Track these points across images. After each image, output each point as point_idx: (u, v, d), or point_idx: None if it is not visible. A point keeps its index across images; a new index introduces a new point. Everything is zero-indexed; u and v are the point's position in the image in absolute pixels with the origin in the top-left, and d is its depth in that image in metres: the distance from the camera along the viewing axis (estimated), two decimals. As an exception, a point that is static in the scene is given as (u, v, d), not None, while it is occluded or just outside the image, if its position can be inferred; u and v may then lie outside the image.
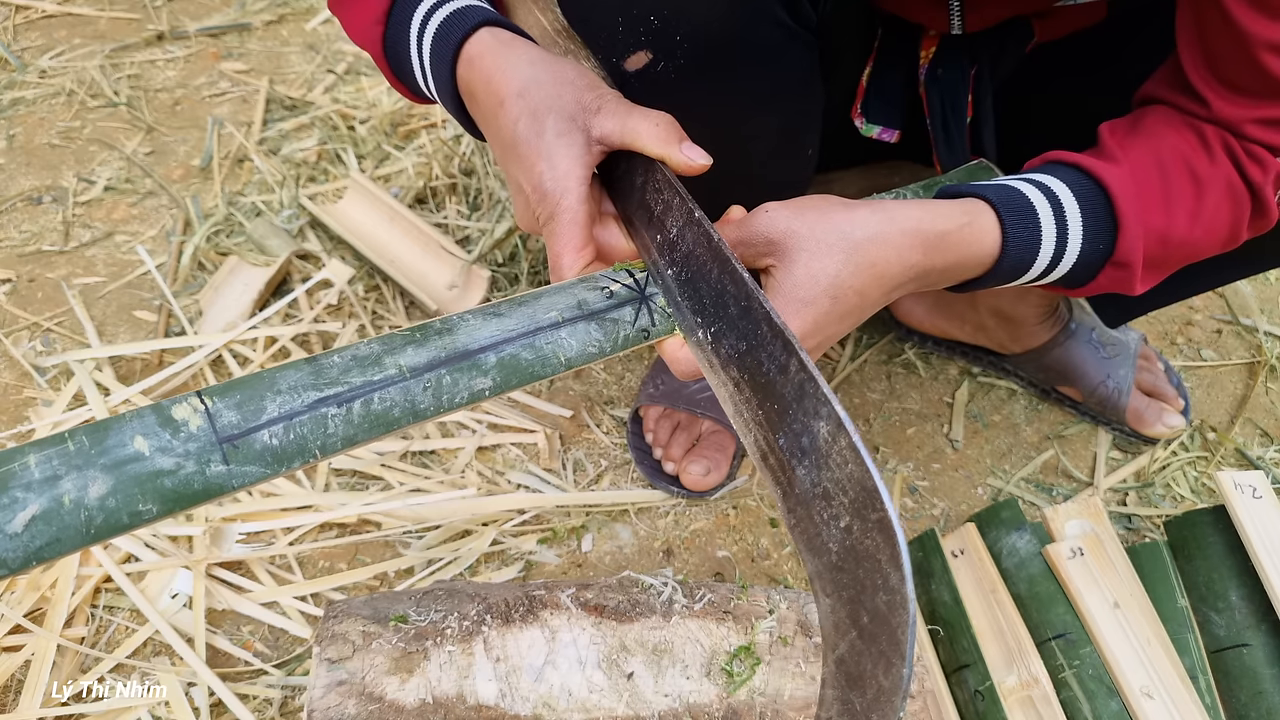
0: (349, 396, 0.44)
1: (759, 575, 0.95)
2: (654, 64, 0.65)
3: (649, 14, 0.63)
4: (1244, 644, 0.77)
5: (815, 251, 0.52)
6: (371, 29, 0.65)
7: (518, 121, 0.56)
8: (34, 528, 0.37)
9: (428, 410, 0.46)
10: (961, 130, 0.81)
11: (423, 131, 1.44)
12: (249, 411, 0.42)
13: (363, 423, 0.44)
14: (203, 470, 0.40)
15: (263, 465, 0.41)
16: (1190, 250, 0.62)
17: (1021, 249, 0.58)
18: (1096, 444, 1.07)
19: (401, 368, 0.46)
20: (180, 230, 1.27)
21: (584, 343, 0.51)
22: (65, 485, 0.38)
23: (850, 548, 0.38)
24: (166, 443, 0.40)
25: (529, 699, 0.65)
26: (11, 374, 1.09)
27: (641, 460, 1.02)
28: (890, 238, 0.53)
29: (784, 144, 0.79)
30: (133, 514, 0.39)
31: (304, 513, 0.95)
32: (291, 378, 0.44)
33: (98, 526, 0.38)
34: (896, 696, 0.35)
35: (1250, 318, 1.21)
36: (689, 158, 0.54)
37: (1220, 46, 0.58)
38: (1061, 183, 0.59)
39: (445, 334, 0.48)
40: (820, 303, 0.52)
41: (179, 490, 0.40)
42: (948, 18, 0.76)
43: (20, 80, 1.52)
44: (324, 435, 0.43)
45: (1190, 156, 0.61)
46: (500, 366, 0.48)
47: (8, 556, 0.36)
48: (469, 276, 1.16)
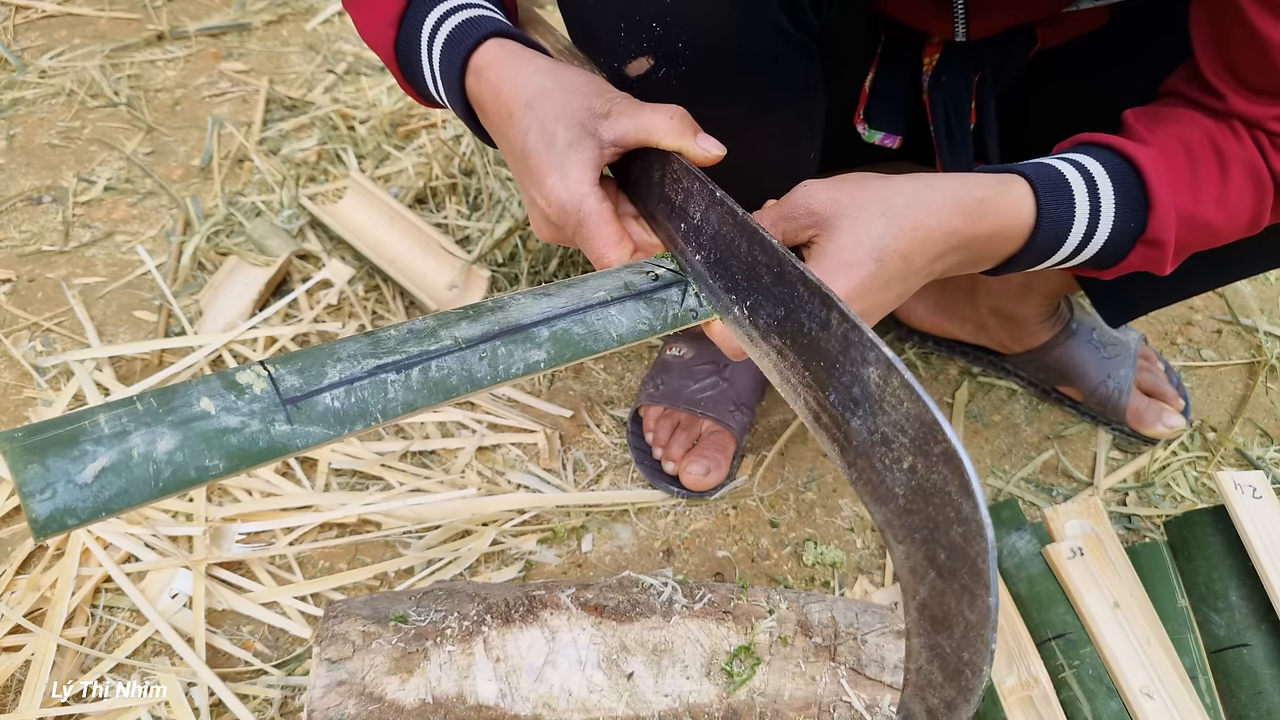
0: (408, 364, 0.45)
1: (759, 575, 0.95)
2: (655, 70, 0.65)
3: (651, 20, 0.63)
4: (1244, 644, 0.77)
5: (857, 217, 0.52)
6: (384, 31, 0.65)
7: (527, 134, 0.57)
8: (104, 479, 0.38)
9: (484, 379, 0.47)
10: (965, 136, 0.81)
11: (423, 131, 1.44)
12: (311, 376, 0.43)
13: (421, 389, 0.45)
14: (267, 429, 0.41)
15: (325, 426, 0.42)
16: (1213, 233, 0.62)
17: (1056, 222, 0.58)
18: (1096, 444, 1.07)
19: (457, 339, 0.47)
20: (180, 230, 1.27)
21: (634, 320, 0.52)
22: (134, 440, 0.39)
23: (917, 487, 0.38)
24: (232, 403, 0.41)
25: (529, 699, 0.65)
26: (11, 374, 1.09)
27: (641, 460, 1.02)
28: (930, 202, 0.54)
29: (785, 150, 0.79)
30: (200, 469, 0.40)
31: (304, 513, 0.95)
32: (351, 348, 0.45)
33: (166, 479, 0.39)
34: (985, 629, 0.34)
35: (1250, 318, 1.21)
36: (705, 148, 0.55)
37: (1238, 50, 0.59)
38: (1094, 160, 0.60)
39: (498, 310, 0.50)
40: (865, 265, 0.52)
41: (245, 448, 0.41)
42: (952, 25, 0.76)
43: (20, 80, 1.52)
44: (384, 399, 0.44)
45: (1215, 134, 0.61)
46: (554, 340, 0.49)
47: (77, 506, 0.37)
48: (469, 276, 1.16)
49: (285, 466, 1.00)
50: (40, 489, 0.37)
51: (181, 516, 0.94)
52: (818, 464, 1.04)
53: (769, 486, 1.03)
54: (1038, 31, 0.80)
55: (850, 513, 1.00)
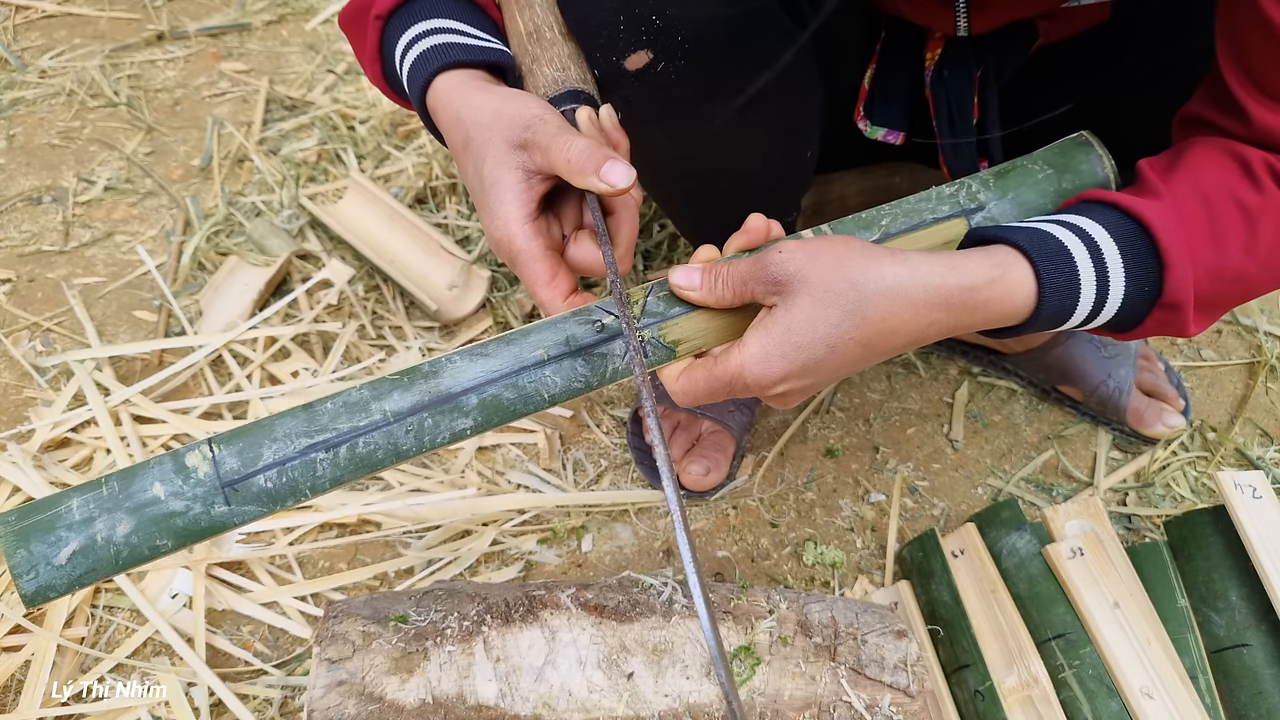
0: (336, 442, 0.50)
1: (759, 575, 0.95)
2: (654, 64, 0.65)
3: (650, 14, 0.63)
4: (1244, 644, 0.77)
5: (820, 299, 0.51)
6: (371, 66, 0.67)
7: (467, 174, 0.58)
8: (75, 560, 0.47)
9: (409, 451, 0.50)
10: (968, 132, 0.81)
11: (423, 131, 1.44)
12: (248, 458, 0.49)
13: (348, 465, 0.50)
14: (208, 511, 0.48)
15: (259, 505, 0.48)
16: (1247, 286, 0.58)
17: (1060, 297, 0.55)
18: (1096, 444, 1.07)
19: (386, 413, 0.50)
20: (180, 230, 1.27)
21: (569, 379, 0.53)
22: (98, 525, 0.47)
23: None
24: (179, 488, 0.48)
25: (529, 699, 0.65)
26: (11, 374, 1.09)
27: (641, 460, 1.02)
28: (909, 294, 0.51)
29: (783, 144, 0.79)
30: (151, 548, 0.47)
31: (304, 513, 0.95)
32: (288, 425, 0.50)
33: (124, 558, 0.47)
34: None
35: (1250, 318, 1.21)
36: (609, 182, 0.53)
37: (1256, 48, 0.57)
38: (1097, 224, 0.56)
39: (431, 377, 0.52)
40: (813, 350, 0.51)
41: (188, 528, 0.48)
42: (954, 20, 0.76)
43: (20, 80, 1.52)
44: (313, 477, 0.49)
45: (1236, 188, 0.57)
46: (482, 407, 0.51)
47: (55, 583, 0.47)
48: (469, 276, 1.16)
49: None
50: (26, 571, 0.46)
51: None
52: (818, 464, 1.04)
53: (769, 487, 1.03)
54: (1040, 27, 0.80)
55: (850, 513, 1.00)
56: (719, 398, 0.54)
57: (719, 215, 0.77)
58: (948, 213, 0.62)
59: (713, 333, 0.55)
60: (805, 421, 1.08)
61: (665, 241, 1.25)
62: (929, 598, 0.87)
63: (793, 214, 0.91)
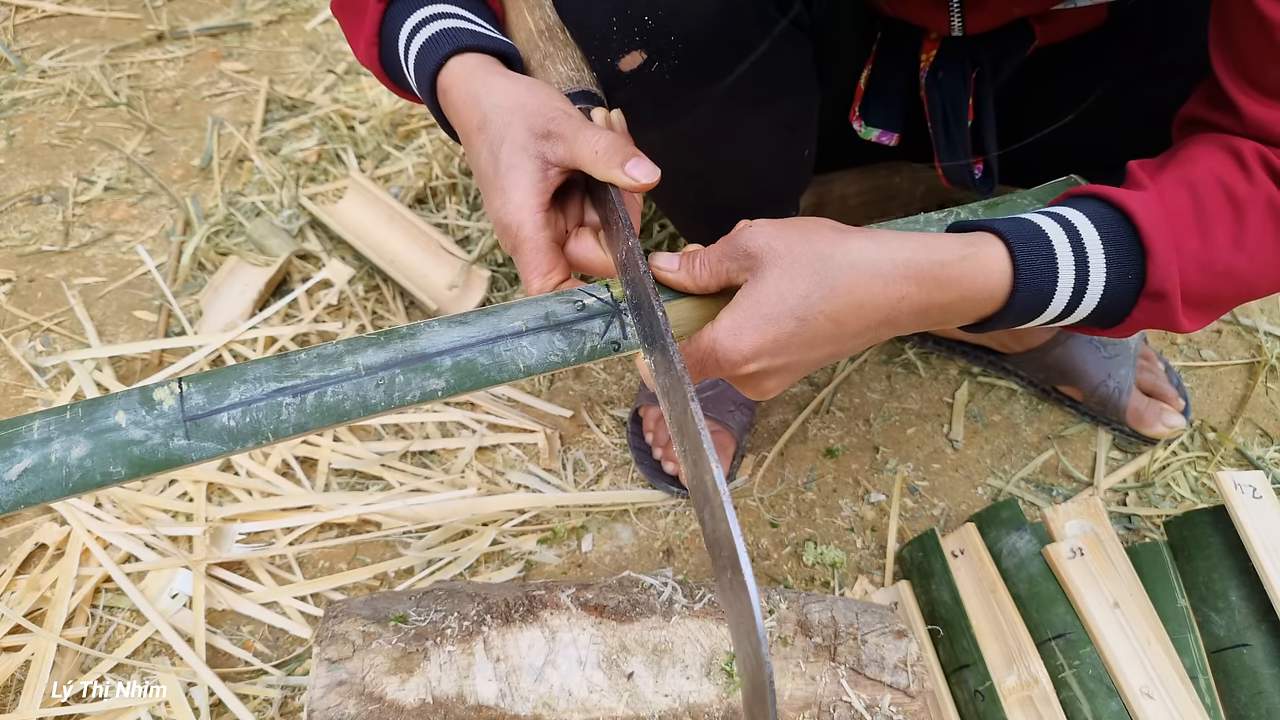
0: (305, 389, 0.50)
1: (759, 575, 0.95)
2: (648, 64, 0.65)
3: (643, 14, 0.63)
4: (1244, 644, 0.77)
5: (788, 270, 0.51)
6: (368, 50, 0.66)
7: (480, 156, 0.58)
8: (25, 477, 0.46)
9: (378, 405, 0.50)
10: (963, 133, 0.81)
11: (423, 131, 1.44)
12: (215, 396, 0.49)
13: (314, 412, 0.49)
14: (166, 443, 0.47)
15: (219, 442, 0.48)
16: (1240, 282, 0.57)
17: (1036, 279, 0.54)
18: (1096, 444, 1.07)
19: (359, 365, 0.50)
20: (180, 230, 1.27)
21: (545, 351, 0.53)
22: (54, 446, 0.47)
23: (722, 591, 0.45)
24: (141, 417, 0.48)
25: (529, 699, 0.65)
26: (11, 374, 1.09)
27: (641, 460, 1.02)
28: (877, 266, 0.51)
29: (779, 144, 0.79)
30: (104, 474, 0.47)
31: (304, 513, 0.95)
32: (259, 370, 0.50)
33: (75, 481, 0.46)
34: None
35: (1250, 318, 1.21)
36: (633, 177, 0.54)
37: (1248, 42, 0.56)
38: (1078, 211, 0.56)
39: (408, 338, 0.52)
40: (783, 322, 0.51)
41: (144, 457, 0.47)
42: (948, 20, 0.76)
43: (20, 80, 1.52)
44: (277, 420, 0.49)
45: (1225, 176, 0.56)
46: (455, 370, 0.51)
47: (3, 499, 0.45)
48: (469, 276, 1.16)
49: (285, 466, 1.00)
50: None
51: (181, 517, 0.94)
52: (818, 464, 1.04)
53: (769, 487, 1.03)
54: (1035, 28, 0.80)
55: (850, 513, 1.00)
56: (696, 379, 0.54)
57: (717, 214, 0.77)
58: None
59: (695, 321, 0.56)
60: (805, 421, 1.08)
61: (665, 242, 1.25)
62: (929, 598, 0.87)
63: (791, 213, 0.91)
